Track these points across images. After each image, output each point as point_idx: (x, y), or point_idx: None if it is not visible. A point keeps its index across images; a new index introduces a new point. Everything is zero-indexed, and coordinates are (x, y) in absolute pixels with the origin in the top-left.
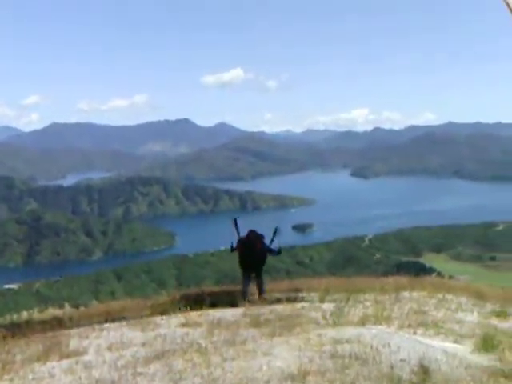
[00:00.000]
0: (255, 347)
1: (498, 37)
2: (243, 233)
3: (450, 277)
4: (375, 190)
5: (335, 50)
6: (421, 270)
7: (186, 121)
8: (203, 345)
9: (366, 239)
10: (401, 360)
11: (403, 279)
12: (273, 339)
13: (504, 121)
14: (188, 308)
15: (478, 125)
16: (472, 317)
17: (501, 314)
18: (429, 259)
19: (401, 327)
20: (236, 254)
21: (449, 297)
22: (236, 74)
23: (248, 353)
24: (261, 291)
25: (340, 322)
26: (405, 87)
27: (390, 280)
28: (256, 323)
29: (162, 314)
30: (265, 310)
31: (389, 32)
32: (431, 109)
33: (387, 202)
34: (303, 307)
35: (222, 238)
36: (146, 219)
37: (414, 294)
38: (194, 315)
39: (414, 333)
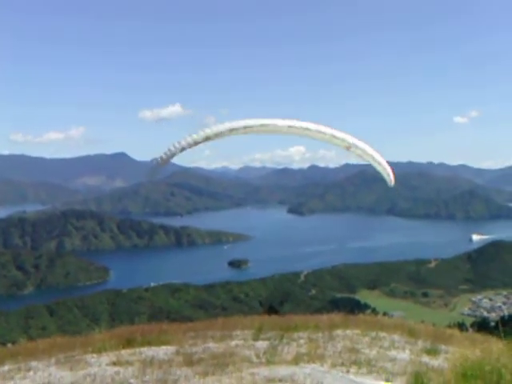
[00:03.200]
0: None
1: (432, 87)
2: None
3: (384, 313)
4: (311, 227)
5: (274, 91)
6: (355, 306)
7: (122, 155)
8: None
9: (302, 275)
10: None
11: (337, 317)
12: (206, 378)
13: (435, 161)
14: (120, 346)
15: (410, 164)
16: (404, 354)
17: (431, 352)
18: (363, 295)
19: (334, 366)
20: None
21: (382, 334)
22: (174, 109)
23: None
24: None
25: (273, 360)
26: (341, 125)
27: (324, 318)
28: (189, 362)
29: (92, 352)
30: (198, 349)
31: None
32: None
33: (323, 239)
34: (237, 345)
35: (156, 273)
36: (79, 253)
37: (348, 331)
38: (125, 353)
39: (347, 371)
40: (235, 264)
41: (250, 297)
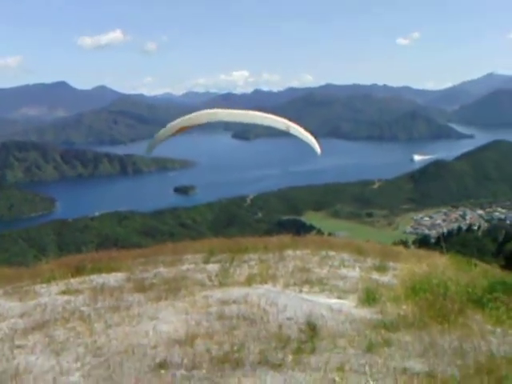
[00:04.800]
0: (140, 312)
1: (384, 12)
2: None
3: (330, 233)
4: (256, 152)
5: (216, 10)
6: (301, 228)
7: (62, 84)
8: (86, 312)
9: (248, 199)
10: (288, 318)
11: (286, 238)
12: (158, 303)
13: (379, 83)
14: (69, 275)
15: (354, 86)
16: (354, 272)
17: (380, 269)
18: (309, 217)
19: (286, 285)
20: None
21: (331, 254)
22: (115, 36)
23: (133, 318)
24: None
25: (226, 282)
26: (284, 50)
27: (274, 239)
28: (140, 288)
29: (41, 282)
30: (149, 274)
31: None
32: (310, 71)
33: (268, 163)
34: (188, 269)
35: (102, 202)
36: (22, 185)
37: (298, 252)
38: (75, 282)
39: (300, 291)
40: (181, 190)
41: (197, 222)
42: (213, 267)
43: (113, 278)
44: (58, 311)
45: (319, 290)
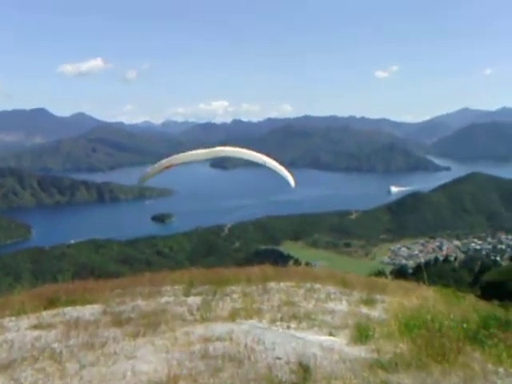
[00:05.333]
0: (117, 350)
1: (358, 45)
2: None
3: (307, 263)
4: (234, 181)
5: (197, 39)
6: (279, 257)
7: (41, 110)
8: (58, 350)
9: (226, 228)
10: (277, 358)
11: (269, 269)
12: (136, 340)
13: (358, 115)
14: (42, 307)
15: (333, 118)
16: (341, 306)
17: (368, 302)
18: (287, 247)
19: (273, 321)
20: None
21: (316, 286)
22: (95, 63)
23: (109, 357)
24: None
25: (208, 317)
26: (264, 81)
27: (256, 270)
28: (117, 322)
29: (10, 314)
30: (126, 307)
31: (252, 28)
32: (289, 102)
33: (246, 193)
34: (167, 302)
35: (79, 229)
36: None
37: (282, 284)
38: (47, 315)
39: (288, 327)
40: (159, 218)
41: (174, 251)
42: (194, 300)
43: (88, 311)
44: (26, 349)
45: (308, 326)
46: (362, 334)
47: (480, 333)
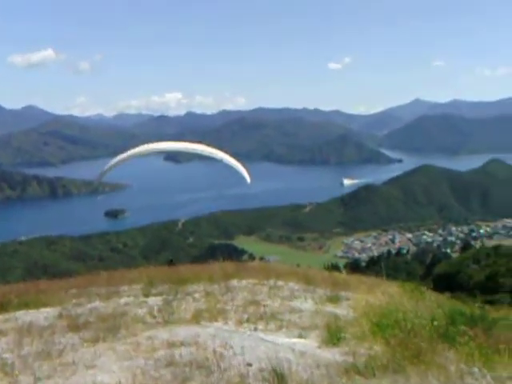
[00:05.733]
0: (76, 358)
1: (316, 36)
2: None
3: (261, 258)
4: (188, 175)
5: (150, 30)
6: (233, 252)
7: None
8: (9, 360)
9: (179, 223)
10: (248, 364)
11: (229, 266)
12: (96, 346)
13: (310, 107)
14: None
15: (286, 110)
16: (307, 304)
17: (333, 299)
18: (240, 241)
19: (239, 323)
20: None
21: (279, 283)
22: (47, 54)
23: (67, 367)
24: None
25: (171, 319)
26: (217, 72)
27: (215, 267)
28: (74, 326)
29: None
30: (83, 310)
31: (204, 17)
32: (242, 94)
33: (199, 187)
34: (127, 303)
35: (31, 225)
36: None
37: (244, 282)
38: None
39: (255, 329)
40: (112, 214)
41: (128, 246)
42: (154, 301)
43: (42, 315)
44: None
45: (276, 328)
46: (333, 336)
47: (449, 330)
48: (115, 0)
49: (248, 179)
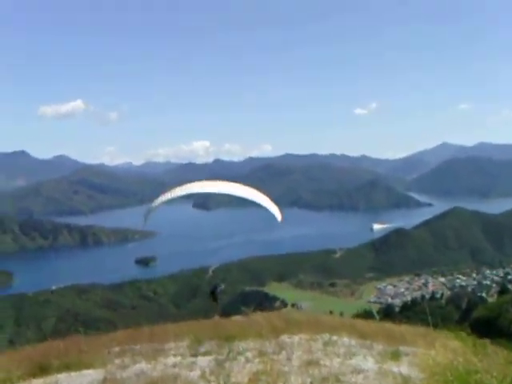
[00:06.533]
0: None
1: (342, 82)
2: None
3: (293, 304)
4: (217, 221)
5: (176, 82)
6: (264, 299)
7: (22, 153)
8: None
9: (210, 270)
10: None
11: (276, 319)
12: None
13: (337, 152)
14: (31, 375)
15: (313, 156)
16: (368, 363)
17: (393, 356)
18: (272, 288)
19: None
20: None
21: (333, 339)
22: (76, 105)
23: None
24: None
25: None
26: (245, 120)
27: (263, 322)
28: None
29: None
30: (129, 372)
31: (235, 67)
32: (269, 141)
33: (229, 233)
34: (175, 364)
35: (62, 274)
36: None
37: (295, 338)
38: None
39: None
40: (142, 262)
41: (158, 294)
42: (205, 361)
43: (85, 379)
44: None
45: None
46: None
47: None
48: (139, 51)
49: (279, 218)
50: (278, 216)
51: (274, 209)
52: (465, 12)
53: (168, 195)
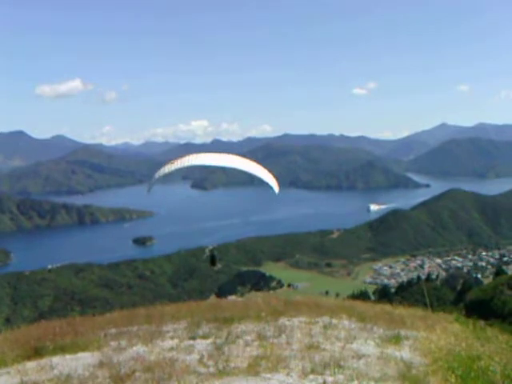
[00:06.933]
0: None
1: (340, 62)
2: None
3: (289, 284)
4: (215, 202)
5: (175, 61)
6: (261, 279)
7: (20, 133)
8: None
9: (207, 250)
10: None
11: (276, 301)
12: None
13: (336, 132)
14: (25, 357)
15: (311, 137)
16: (368, 347)
17: (393, 340)
18: (269, 268)
19: (304, 374)
20: None
21: (333, 322)
22: (74, 84)
23: None
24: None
25: (225, 369)
26: (243, 100)
27: (262, 304)
28: (118, 378)
29: None
30: (125, 355)
31: (235, 47)
32: (268, 121)
33: (227, 213)
34: (172, 347)
35: (59, 253)
36: None
37: (295, 320)
38: (32, 369)
39: (324, 382)
40: (140, 241)
41: (156, 274)
42: (203, 345)
43: (81, 363)
44: None
45: (345, 380)
46: None
47: None
48: (141, 30)
49: (276, 189)
50: (276, 188)
51: (271, 181)
52: None
53: (170, 167)
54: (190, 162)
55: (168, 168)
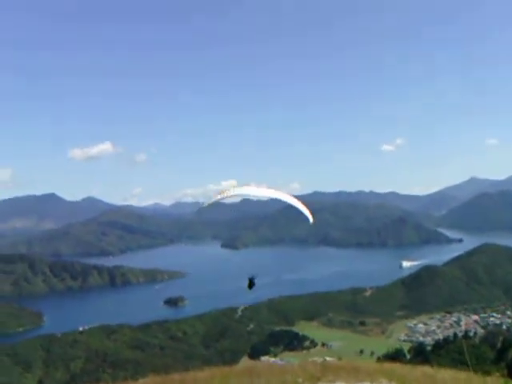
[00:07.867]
0: None
1: (356, 118)
2: None
3: (323, 344)
4: (245, 261)
5: (205, 121)
6: (294, 338)
7: (52, 196)
8: None
9: (239, 310)
10: None
11: (312, 366)
12: None
13: (366, 189)
14: None
15: (341, 194)
16: None
17: None
18: (301, 327)
19: None
20: None
21: None
22: (105, 147)
23: None
24: None
25: None
26: (271, 159)
27: (298, 369)
28: None
29: None
30: None
31: (255, 106)
32: (297, 179)
33: (258, 273)
34: None
35: (91, 315)
36: (10, 299)
37: None
38: None
39: None
40: (171, 302)
41: (187, 335)
42: None
43: None
44: None
45: None
46: None
47: None
48: (165, 93)
49: (311, 219)
50: (310, 217)
51: (305, 210)
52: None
53: (223, 194)
54: (239, 192)
55: (220, 196)
